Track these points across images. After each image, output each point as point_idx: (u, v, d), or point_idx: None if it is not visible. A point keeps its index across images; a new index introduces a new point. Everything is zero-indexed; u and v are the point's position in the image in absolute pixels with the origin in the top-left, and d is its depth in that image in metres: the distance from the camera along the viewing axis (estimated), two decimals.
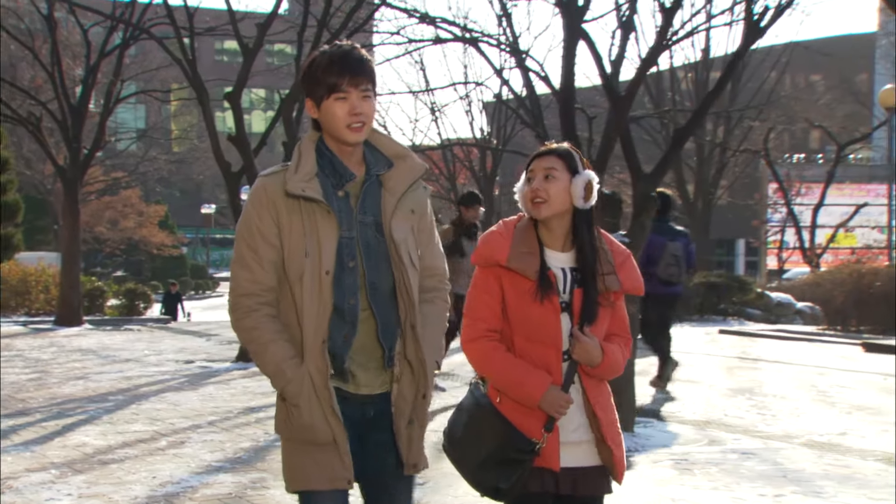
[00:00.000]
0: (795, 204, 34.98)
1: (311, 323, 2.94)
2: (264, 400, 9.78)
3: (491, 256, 3.18)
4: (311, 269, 2.93)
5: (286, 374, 2.93)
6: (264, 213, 2.97)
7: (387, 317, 3.03)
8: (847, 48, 43.41)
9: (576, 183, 3.18)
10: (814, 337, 17.04)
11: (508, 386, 3.14)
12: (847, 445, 7.64)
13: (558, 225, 3.21)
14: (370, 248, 3.01)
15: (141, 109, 50.94)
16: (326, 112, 2.96)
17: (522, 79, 23.46)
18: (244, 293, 3.00)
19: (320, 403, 2.93)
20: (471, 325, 3.21)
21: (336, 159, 3.02)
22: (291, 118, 13.16)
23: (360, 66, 2.95)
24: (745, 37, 8.18)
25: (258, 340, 2.98)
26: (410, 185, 3.10)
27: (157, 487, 6.19)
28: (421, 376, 3.06)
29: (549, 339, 3.15)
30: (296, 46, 13.83)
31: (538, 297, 3.11)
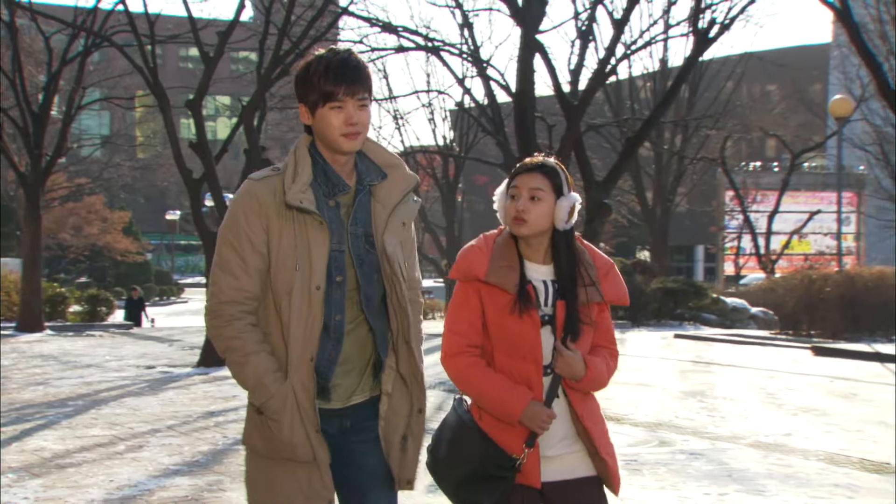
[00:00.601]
0: (751, 211, 35.43)
1: (299, 339, 2.80)
2: (224, 404, 9.81)
3: (469, 271, 3.09)
4: (300, 283, 2.80)
5: (268, 389, 2.78)
6: (254, 219, 2.82)
7: (381, 327, 2.93)
8: (802, 59, 44.06)
9: (560, 206, 3.09)
10: (766, 341, 17.29)
11: (488, 402, 3.06)
12: (791, 446, 7.80)
13: (537, 241, 3.14)
14: (362, 260, 2.90)
15: (105, 116, 50.65)
16: (321, 120, 2.84)
17: (484, 87, 23.74)
18: (227, 300, 2.84)
19: (303, 422, 2.81)
20: (450, 340, 3.12)
21: (329, 168, 2.90)
22: (253, 126, 13.17)
23: (357, 75, 2.83)
24: (694, 48, 8.33)
25: (239, 351, 2.82)
26: (403, 197, 2.99)
27: (114, 491, 6.20)
28: (416, 390, 2.96)
29: (529, 353, 3.06)
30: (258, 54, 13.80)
31: (517, 312, 3.03)
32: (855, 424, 8.78)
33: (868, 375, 12.50)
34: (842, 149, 20.32)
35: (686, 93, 30.22)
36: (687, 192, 35.01)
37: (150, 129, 44.80)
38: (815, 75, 45.80)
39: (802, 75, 41.38)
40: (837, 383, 11.77)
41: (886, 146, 30.05)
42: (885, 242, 33.51)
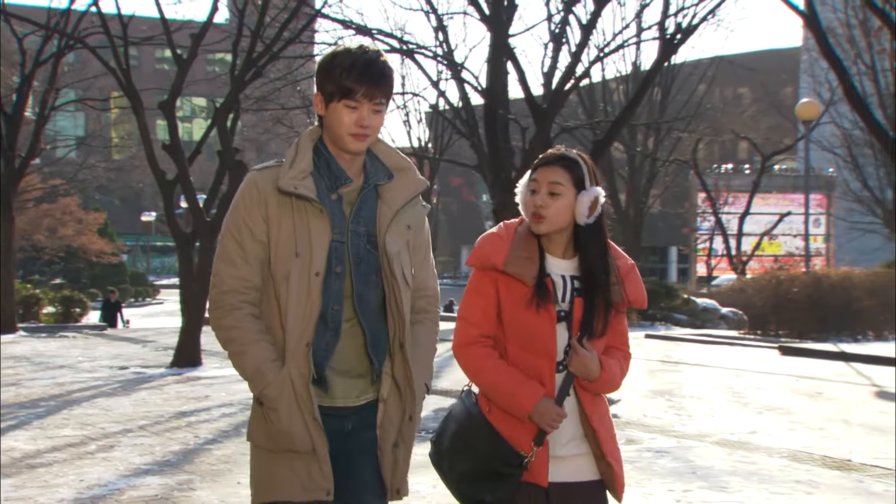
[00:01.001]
0: (723, 213, 35.71)
1: (296, 325, 2.77)
2: (196, 404, 9.81)
3: (488, 259, 3.00)
4: (299, 269, 2.76)
5: (266, 377, 2.75)
6: (253, 208, 2.81)
7: (376, 330, 2.87)
8: (773, 63, 44.44)
9: (581, 201, 2.97)
10: (734, 341, 17.46)
11: (499, 395, 2.97)
12: (756, 443, 7.90)
13: (559, 236, 3.03)
14: (360, 259, 2.85)
15: (80, 117, 50.28)
16: (333, 114, 2.81)
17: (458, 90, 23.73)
18: (227, 290, 2.82)
19: (300, 409, 2.76)
20: (463, 330, 3.03)
21: (333, 161, 2.87)
22: (226, 127, 13.16)
23: (381, 79, 2.79)
24: (660, 53, 8.43)
25: (238, 340, 2.79)
26: (409, 200, 2.95)
27: (84, 490, 6.21)
28: (408, 398, 2.90)
29: (543, 348, 2.97)
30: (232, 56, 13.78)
31: (534, 305, 2.94)
32: (818, 422, 8.91)
33: (832, 374, 12.66)
34: (809, 151, 20.52)
35: (658, 96, 30.43)
36: (659, 193, 35.21)
37: (126, 130, 44.50)
38: (785, 79, 46.19)
39: (773, 79, 41.75)
40: (802, 382, 11.92)
41: (854, 149, 30.35)
42: (853, 243, 33.85)
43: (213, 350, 14.97)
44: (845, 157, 30.40)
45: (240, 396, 10.23)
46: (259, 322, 2.82)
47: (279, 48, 13.41)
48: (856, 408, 9.87)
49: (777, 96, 41.46)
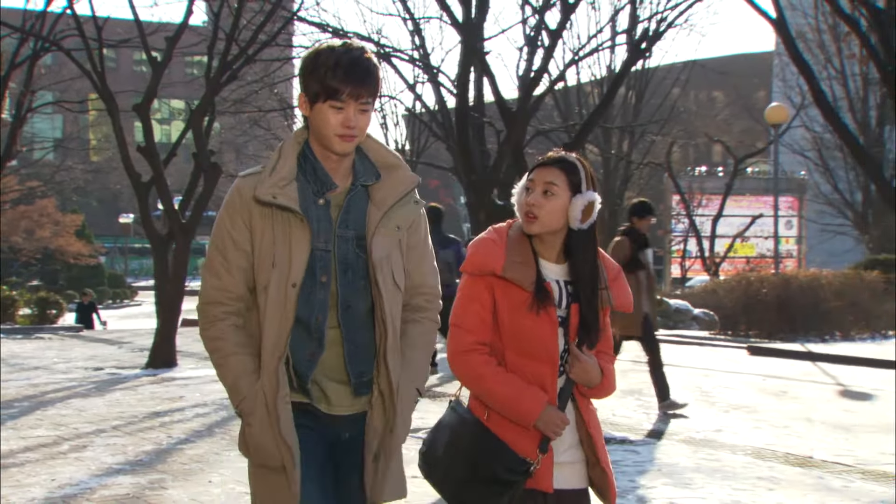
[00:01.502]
0: (697, 215, 35.94)
1: (271, 338, 2.70)
2: (170, 405, 9.82)
3: (485, 265, 2.91)
4: (277, 280, 2.68)
5: (241, 391, 2.72)
6: (237, 217, 2.73)
7: (358, 340, 2.78)
8: (746, 66, 44.75)
9: (574, 204, 2.91)
10: (705, 341, 17.61)
11: (502, 403, 2.89)
12: (721, 441, 8.01)
13: (552, 239, 2.97)
14: (348, 265, 2.75)
15: (58, 119, 49.96)
16: (319, 115, 2.70)
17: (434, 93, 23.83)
18: (210, 301, 2.77)
19: (270, 424, 2.69)
20: (458, 337, 2.94)
21: (319, 165, 2.76)
22: (201, 130, 13.17)
23: (367, 78, 2.69)
24: (627, 58, 8.53)
25: (220, 351, 2.75)
26: (400, 199, 2.82)
27: (56, 489, 6.23)
28: (390, 409, 2.79)
29: (545, 354, 2.91)
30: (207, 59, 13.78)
31: (534, 310, 2.88)
32: (783, 420, 9.03)
33: (799, 374, 12.80)
34: (778, 155, 20.74)
35: (633, 99, 30.62)
36: (634, 196, 35.38)
37: (103, 132, 44.30)
38: (758, 83, 46.55)
39: (746, 82, 42.08)
40: (769, 381, 12.05)
41: (825, 152, 30.66)
42: (824, 245, 34.16)
43: (188, 351, 14.97)
44: (816, 161, 30.70)
45: (214, 397, 10.25)
46: (241, 333, 2.77)
47: (254, 51, 13.43)
48: (820, 406, 10.01)
49: (750, 100, 41.76)
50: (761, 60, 48.10)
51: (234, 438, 7.87)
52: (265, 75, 19.69)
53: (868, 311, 16.78)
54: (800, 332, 16.59)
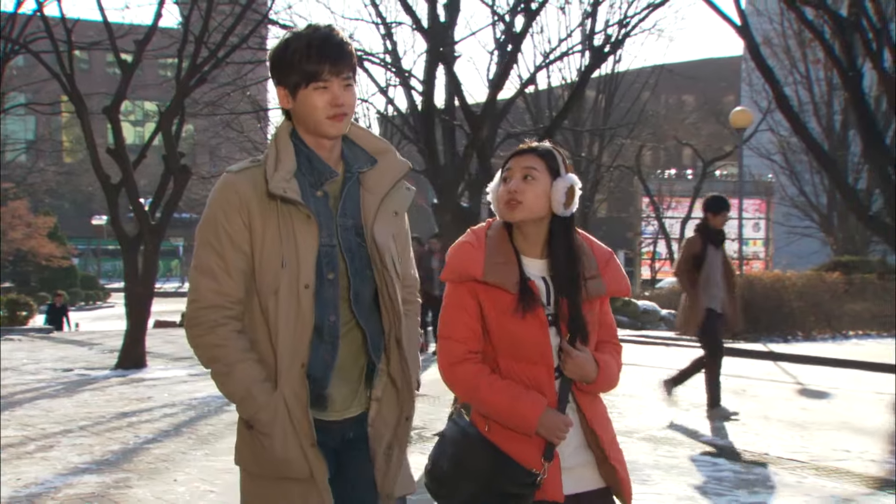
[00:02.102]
0: (666, 217, 36.23)
1: (288, 343, 2.52)
2: (139, 405, 9.83)
3: (464, 271, 2.79)
4: (287, 281, 2.52)
5: (257, 400, 2.51)
6: (234, 215, 2.55)
7: (373, 328, 2.66)
8: (715, 71, 45.16)
9: (556, 187, 2.79)
10: (670, 341, 17.77)
11: (500, 412, 2.76)
12: (680, 439, 8.12)
13: (535, 231, 2.84)
14: (353, 255, 2.63)
15: (30, 121, 49.59)
16: (304, 103, 2.57)
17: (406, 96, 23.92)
18: (208, 305, 2.55)
19: (297, 435, 2.53)
20: (449, 348, 2.81)
21: (314, 155, 2.63)
22: (170, 133, 13.17)
23: (342, 52, 2.57)
24: (589, 63, 8.65)
25: (224, 360, 2.54)
26: (394, 185, 2.72)
27: (21, 489, 6.25)
28: (406, 396, 2.69)
29: (539, 356, 2.77)
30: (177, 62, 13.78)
31: (521, 312, 2.75)
32: (741, 418, 9.16)
33: (760, 373, 12.97)
34: (742, 158, 20.97)
35: (602, 103, 30.83)
36: (604, 198, 35.64)
37: (75, 134, 44.09)
38: (726, 87, 46.94)
39: (715, 87, 42.47)
40: (730, 380, 12.20)
41: (791, 156, 30.96)
42: (790, 247, 34.50)
43: (158, 352, 14.96)
44: (782, 164, 31.02)
45: (182, 397, 10.27)
46: (244, 338, 2.58)
47: (224, 54, 13.45)
48: (777, 404, 10.17)
49: (719, 104, 42.13)
50: (730, 65, 48.50)
51: (202, 438, 7.95)
52: (237, 77, 19.69)
53: (829, 312, 17.00)
54: (763, 332, 16.78)
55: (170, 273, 44.98)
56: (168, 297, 33.63)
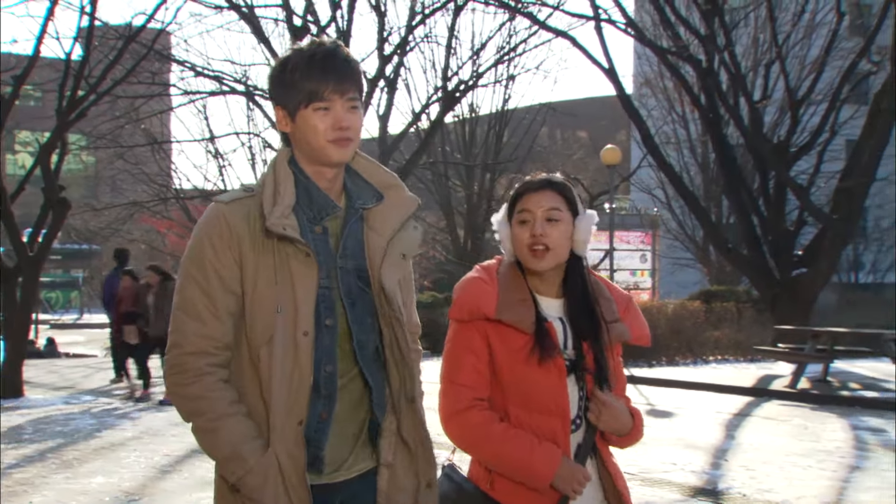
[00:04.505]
0: None
1: (284, 398, 2.20)
2: (7, 432, 9.88)
3: (475, 308, 2.49)
4: (283, 328, 2.21)
5: (247, 461, 2.18)
6: (224, 251, 2.23)
7: (378, 383, 2.34)
8: (604, 108, 46.59)
9: (581, 227, 2.54)
10: None
11: (511, 466, 2.45)
12: None
13: (552, 273, 2.57)
14: (354, 299, 2.31)
15: None
16: (303, 125, 2.27)
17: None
18: (192, 351, 2.23)
19: (290, 500, 2.20)
20: (454, 394, 2.51)
21: (314, 186, 2.32)
22: (49, 166, 13.28)
23: (347, 70, 2.29)
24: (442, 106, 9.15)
25: (208, 414, 2.21)
26: (402, 224, 2.40)
27: None
28: (423, 460, 2.35)
29: (555, 406, 2.49)
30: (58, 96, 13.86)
31: (537, 357, 2.45)
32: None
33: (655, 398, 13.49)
34: (613, 194, 21.90)
35: (493, 138, 31.67)
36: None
37: None
38: (621, 123, 48.47)
39: (610, 123, 43.84)
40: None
41: (670, 191, 32.19)
42: (674, 277, 35.77)
43: (39, 382, 14.91)
44: (661, 198, 32.22)
45: (54, 426, 10.37)
46: (231, 390, 2.25)
47: (106, 89, 13.62)
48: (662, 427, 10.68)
49: (612, 140, 43.56)
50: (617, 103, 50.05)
51: (65, 462, 8.15)
52: (132, 110, 19.80)
53: (691, 339, 17.85)
54: (630, 358, 17.50)
55: (69, 304, 44.20)
56: (68, 329, 33.05)
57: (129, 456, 8.52)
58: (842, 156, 22.20)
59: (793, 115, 18.47)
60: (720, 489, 7.21)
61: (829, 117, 17.80)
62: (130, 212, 24.61)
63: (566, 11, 23.82)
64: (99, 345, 27.27)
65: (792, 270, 17.17)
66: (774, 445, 9.06)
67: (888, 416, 10.99)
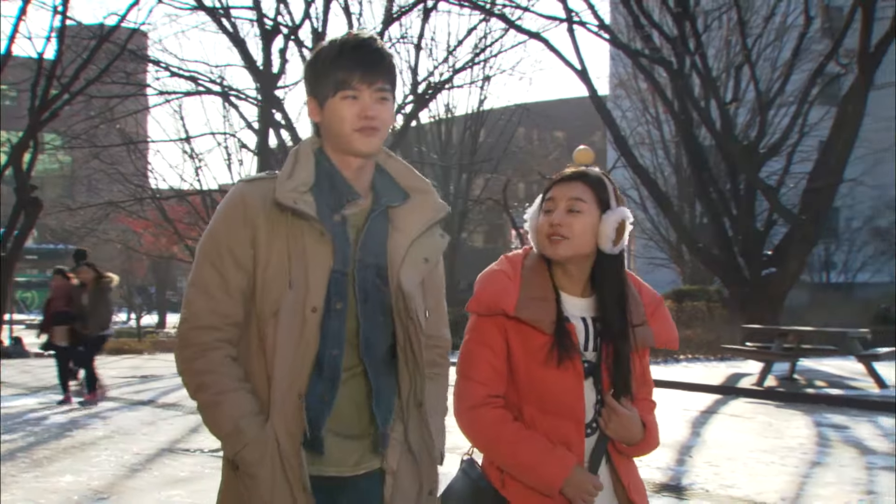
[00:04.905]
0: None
1: (286, 371, 2.20)
2: None
3: (494, 303, 2.42)
4: (292, 303, 2.20)
5: (244, 435, 2.17)
6: (238, 229, 2.24)
7: (382, 384, 2.30)
8: (584, 109, 46.80)
9: (606, 221, 2.44)
10: None
11: (521, 468, 2.39)
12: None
13: (578, 269, 2.48)
14: (367, 294, 2.28)
15: None
16: (331, 113, 2.28)
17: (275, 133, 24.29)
18: (201, 325, 2.24)
19: (287, 476, 2.18)
20: (468, 390, 2.44)
21: (337, 173, 2.31)
22: (21, 165, 13.25)
23: (377, 60, 2.28)
24: (412, 108, 9.23)
25: (214, 387, 2.20)
26: (428, 228, 2.36)
27: None
28: (427, 468, 2.34)
29: (569, 409, 2.41)
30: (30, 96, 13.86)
31: (555, 357, 2.38)
32: None
33: None
34: None
35: (469, 139, 31.78)
36: (473, 229, 36.52)
37: None
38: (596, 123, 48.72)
39: (586, 123, 44.10)
40: None
41: (643, 191, 32.39)
42: (650, 277, 35.86)
43: (12, 382, 14.85)
44: (636, 199, 32.42)
45: (25, 425, 10.35)
46: (238, 366, 2.25)
47: (78, 89, 13.60)
48: None
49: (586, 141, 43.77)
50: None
51: (35, 461, 8.14)
52: (106, 110, 19.76)
53: None
54: None
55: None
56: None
57: (99, 455, 8.54)
58: (813, 157, 22.39)
59: (762, 116, 18.69)
60: (684, 485, 7.31)
61: (797, 119, 18.01)
62: (106, 212, 24.55)
63: (537, 13, 24.19)
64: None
65: (761, 270, 17.37)
66: (739, 442, 9.19)
67: (851, 414, 11.17)
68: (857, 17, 16.35)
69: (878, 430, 10.09)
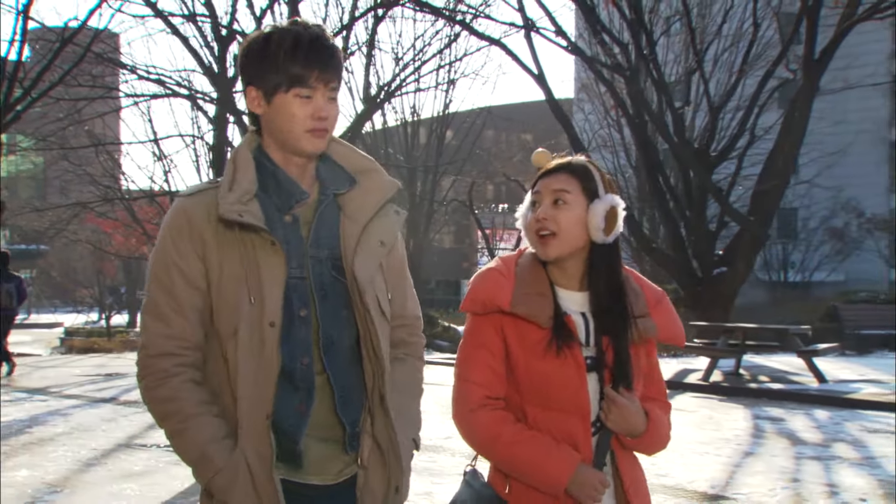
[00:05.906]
0: (499, 249, 37.61)
1: (249, 392, 2.11)
2: None
3: (489, 300, 2.34)
4: (249, 319, 2.11)
5: (214, 462, 2.10)
6: (186, 246, 2.14)
7: (347, 382, 2.22)
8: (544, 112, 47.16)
9: (594, 211, 2.34)
10: None
11: (524, 469, 2.31)
12: (447, 447, 8.78)
13: (574, 263, 2.39)
14: (326, 292, 2.20)
15: None
16: (280, 109, 2.15)
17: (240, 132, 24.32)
18: (159, 352, 2.14)
19: (260, 501, 2.10)
20: (467, 391, 2.36)
21: (281, 172, 2.20)
22: None
23: (333, 59, 2.17)
24: (364, 110, 9.41)
25: (178, 415, 2.12)
26: (379, 210, 2.28)
27: None
28: (392, 462, 2.24)
29: (573, 404, 2.32)
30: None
31: (555, 351, 2.30)
32: None
33: None
34: None
35: (435, 141, 31.98)
36: (439, 230, 36.72)
37: None
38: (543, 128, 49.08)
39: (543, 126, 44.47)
40: None
41: None
42: None
43: None
44: None
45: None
46: (201, 390, 2.16)
47: (40, 92, 13.65)
48: None
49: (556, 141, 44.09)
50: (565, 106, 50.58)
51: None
52: (74, 112, 19.76)
53: None
54: None
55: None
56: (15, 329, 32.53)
57: (56, 450, 8.63)
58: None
59: (712, 120, 19.01)
60: None
61: (746, 122, 18.34)
62: (75, 212, 24.49)
63: (495, 19, 24.47)
64: (44, 344, 27.12)
65: (713, 270, 17.69)
66: (678, 434, 9.30)
67: (789, 407, 11.47)
68: (804, 24, 16.69)
69: (812, 422, 10.40)
